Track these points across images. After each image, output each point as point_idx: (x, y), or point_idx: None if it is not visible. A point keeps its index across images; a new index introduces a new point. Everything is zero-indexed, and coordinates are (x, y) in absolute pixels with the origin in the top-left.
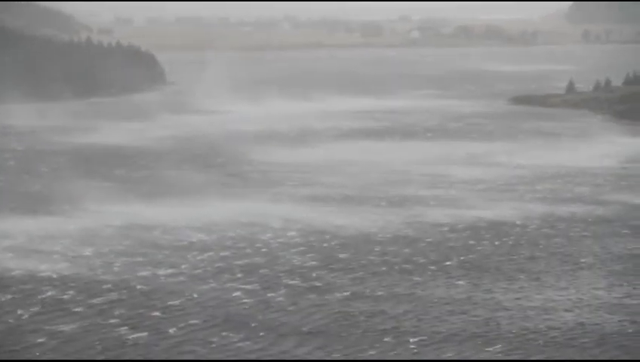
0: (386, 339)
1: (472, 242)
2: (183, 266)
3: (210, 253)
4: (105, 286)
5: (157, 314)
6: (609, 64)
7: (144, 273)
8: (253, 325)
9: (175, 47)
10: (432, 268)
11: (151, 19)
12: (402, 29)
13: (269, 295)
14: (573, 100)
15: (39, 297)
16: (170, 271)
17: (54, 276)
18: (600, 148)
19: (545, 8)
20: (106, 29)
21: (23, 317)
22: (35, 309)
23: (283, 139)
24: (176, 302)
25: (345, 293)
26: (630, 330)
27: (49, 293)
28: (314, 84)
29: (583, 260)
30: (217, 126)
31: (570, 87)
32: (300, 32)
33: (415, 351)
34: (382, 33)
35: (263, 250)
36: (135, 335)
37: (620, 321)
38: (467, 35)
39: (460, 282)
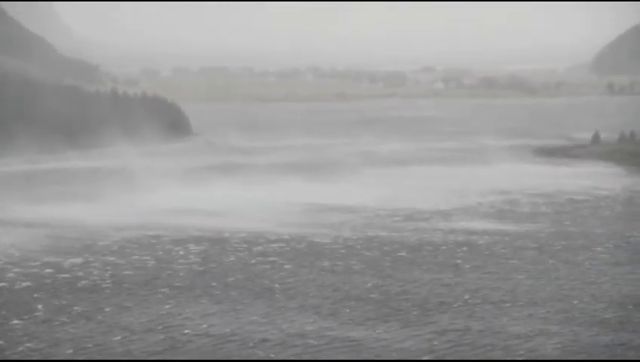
0: None
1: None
2: None
3: None
4: None
5: None
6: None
7: None
8: None
9: (201, 97)
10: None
11: (176, 70)
12: (426, 80)
13: None
14: (597, 151)
15: None
16: None
17: None
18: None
19: (570, 60)
20: (132, 79)
21: None
22: None
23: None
24: None
25: None
26: None
27: None
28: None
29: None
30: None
31: (596, 139)
32: (324, 83)
33: None
34: (405, 84)
35: None
36: None
37: None
38: (490, 86)
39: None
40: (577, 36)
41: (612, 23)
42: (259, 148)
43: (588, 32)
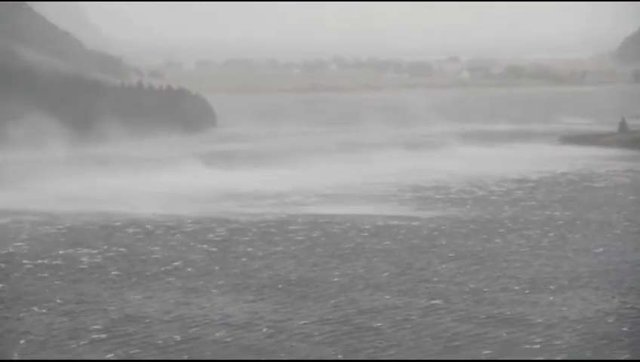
0: None
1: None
2: None
3: None
4: None
5: None
6: None
7: None
8: None
9: (226, 89)
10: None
11: (200, 62)
12: (451, 70)
13: None
14: (624, 139)
15: None
16: None
17: None
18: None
19: (595, 48)
20: (156, 72)
21: None
22: None
23: None
24: None
25: None
26: None
27: None
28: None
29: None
30: None
31: (623, 126)
32: (349, 73)
33: None
34: (431, 74)
35: None
36: None
37: None
38: (517, 75)
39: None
40: (601, 25)
41: (636, 12)
42: (259, 136)
43: (612, 22)
